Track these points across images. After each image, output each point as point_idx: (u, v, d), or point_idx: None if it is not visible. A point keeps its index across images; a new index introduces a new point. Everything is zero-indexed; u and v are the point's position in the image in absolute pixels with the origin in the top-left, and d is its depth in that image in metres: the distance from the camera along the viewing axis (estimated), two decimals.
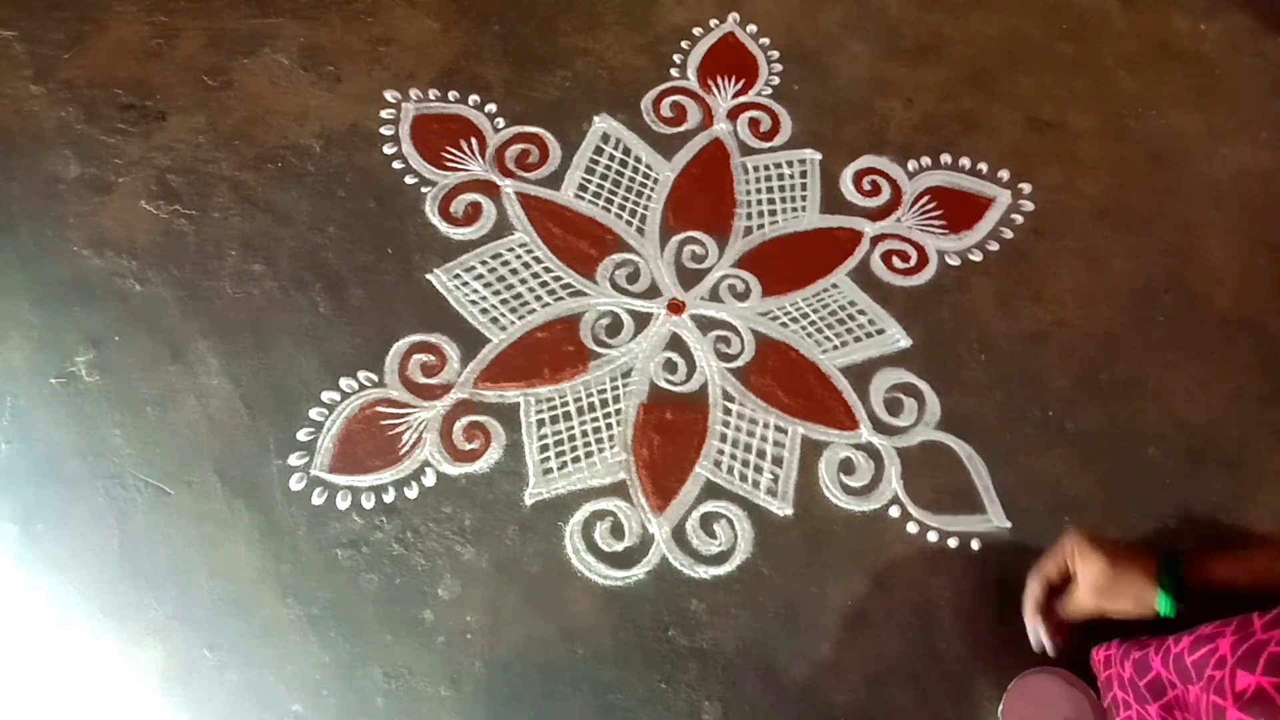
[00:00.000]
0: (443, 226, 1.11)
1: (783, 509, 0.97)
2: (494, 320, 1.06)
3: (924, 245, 1.13)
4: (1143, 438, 1.01)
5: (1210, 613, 0.72)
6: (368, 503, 0.95)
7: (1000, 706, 0.87)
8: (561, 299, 1.08)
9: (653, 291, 1.09)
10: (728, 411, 1.02)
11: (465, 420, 1.00)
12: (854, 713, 0.87)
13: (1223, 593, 0.74)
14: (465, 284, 1.08)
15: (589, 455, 0.98)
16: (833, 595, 0.92)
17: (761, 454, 0.99)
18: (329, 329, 1.04)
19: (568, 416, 1.00)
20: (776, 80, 1.25)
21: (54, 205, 1.10)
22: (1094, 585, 0.79)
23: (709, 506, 0.96)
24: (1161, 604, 0.76)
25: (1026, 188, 1.17)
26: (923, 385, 1.04)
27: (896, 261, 1.12)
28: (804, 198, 1.17)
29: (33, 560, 0.92)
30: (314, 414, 0.99)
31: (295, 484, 0.95)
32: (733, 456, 0.99)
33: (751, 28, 1.30)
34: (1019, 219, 1.15)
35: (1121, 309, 1.10)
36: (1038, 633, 0.85)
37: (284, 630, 0.89)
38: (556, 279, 1.09)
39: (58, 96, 1.17)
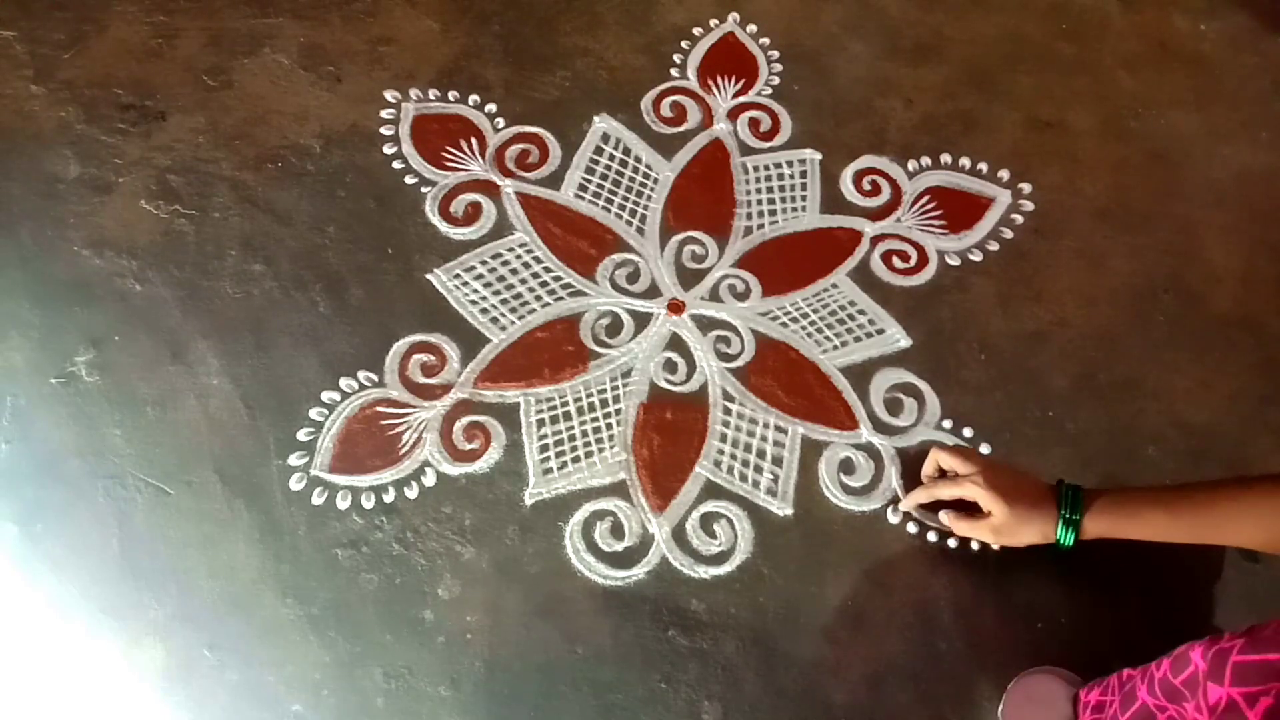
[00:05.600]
0: (443, 226, 1.11)
1: (783, 509, 0.97)
2: (494, 320, 1.06)
3: (924, 245, 1.13)
4: (1143, 438, 1.01)
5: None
6: (368, 503, 0.95)
7: (1000, 706, 0.87)
8: (561, 299, 1.08)
9: (653, 291, 1.09)
10: (728, 411, 1.02)
11: (465, 420, 1.00)
12: (854, 712, 0.87)
13: (1113, 535, 0.82)
14: (465, 284, 1.08)
15: (589, 455, 0.98)
16: (833, 595, 0.92)
17: (761, 454, 0.99)
18: (329, 329, 1.04)
19: (568, 416, 1.00)
20: (776, 80, 1.25)
21: (54, 205, 1.10)
22: (995, 529, 0.86)
23: (709, 506, 0.96)
24: (1061, 535, 0.83)
25: (1026, 188, 1.17)
26: (923, 385, 1.04)
27: (896, 261, 1.12)
28: (804, 198, 1.17)
29: (33, 560, 0.92)
30: (314, 414, 0.99)
31: (295, 484, 0.95)
32: (733, 456, 0.99)
33: (751, 28, 1.30)
34: (1019, 219, 1.15)
35: (1121, 309, 1.10)
36: (910, 505, 0.95)
37: (284, 630, 0.89)
38: (556, 279, 1.09)
39: (58, 96, 1.17)
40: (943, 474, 0.93)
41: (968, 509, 0.90)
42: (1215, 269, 1.13)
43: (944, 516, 0.91)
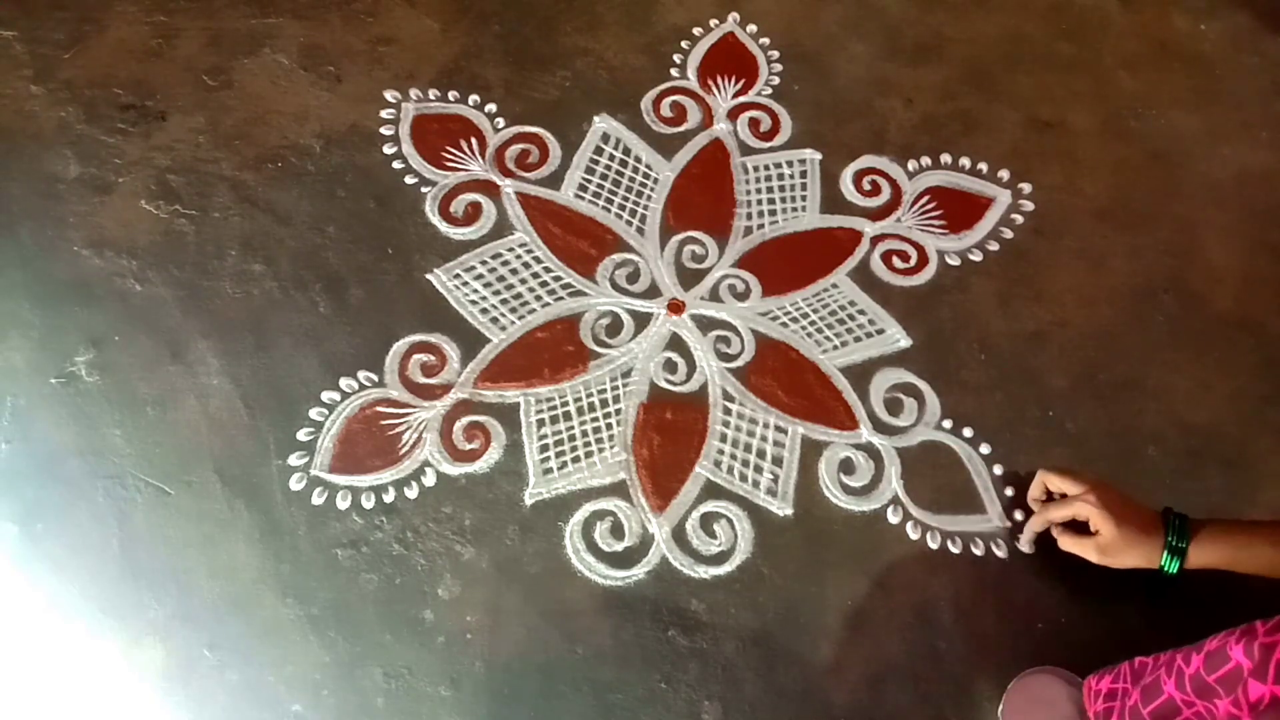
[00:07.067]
0: (443, 226, 1.11)
1: (783, 509, 0.97)
2: (494, 320, 1.06)
3: (924, 245, 1.13)
4: (1143, 438, 1.01)
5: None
6: (368, 503, 0.95)
7: (1000, 706, 0.87)
8: (561, 299, 1.08)
9: (653, 291, 1.09)
10: (728, 411, 1.02)
11: (465, 420, 1.00)
12: (854, 713, 0.87)
13: (1218, 565, 0.80)
14: (465, 284, 1.08)
15: (589, 455, 0.98)
16: (833, 595, 0.92)
17: (761, 454, 0.99)
18: (329, 329, 1.04)
19: (568, 416, 1.00)
20: (776, 80, 1.25)
21: (54, 205, 1.10)
22: (1101, 548, 0.85)
23: (709, 506, 0.96)
24: (1166, 562, 0.82)
25: (1026, 188, 1.18)
26: (923, 385, 1.04)
27: (896, 261, 1.12)
28: (804, 198, 1.17)
29: (33, 560, 0.92)
30: (314, 414, 0.99)
31: (295, 484, 0.95)
32: (733, 456, 0.99)
33: (751, 28, 1.30)
34: (1019, 219, 1.15)
35: (1121, 309, 1.10)
36: (1030, 537, 0.94)
37: (284, 630, 0.89)
38: (556, 279, 1.09)
39: (58, 96, 1.18)
40: (1049, 496, 0.93)
41: (1076, 528, 0.90)
42: (1215, 269, 1.13)
43: (1056, 532, 0.91)
